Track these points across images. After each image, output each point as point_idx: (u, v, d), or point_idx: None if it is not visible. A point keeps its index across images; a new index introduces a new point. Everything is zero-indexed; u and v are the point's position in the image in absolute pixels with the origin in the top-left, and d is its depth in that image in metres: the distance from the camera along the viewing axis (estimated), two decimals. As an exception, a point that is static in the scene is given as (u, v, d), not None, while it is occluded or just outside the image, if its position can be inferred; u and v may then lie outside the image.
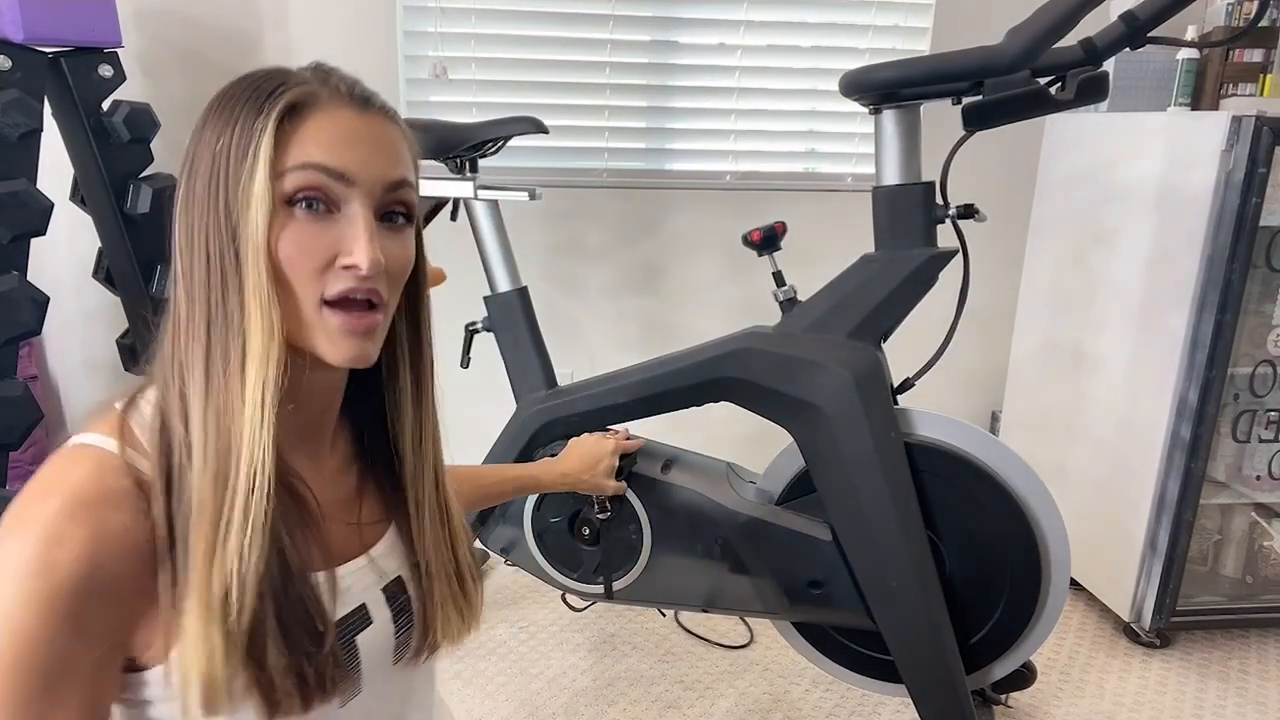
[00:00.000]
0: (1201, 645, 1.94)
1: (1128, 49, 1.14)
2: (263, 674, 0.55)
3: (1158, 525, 1.83)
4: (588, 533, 1.47)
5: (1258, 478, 1.88)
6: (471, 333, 1.65)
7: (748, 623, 2.00)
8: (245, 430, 0.54)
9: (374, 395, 0.68)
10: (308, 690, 0.57)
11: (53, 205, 1.55)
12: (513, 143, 1.60)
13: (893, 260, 1.32)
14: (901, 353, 1.47)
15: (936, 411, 1.34)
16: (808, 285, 1.44)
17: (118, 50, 1.71)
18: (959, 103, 1.24)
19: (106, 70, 1.69)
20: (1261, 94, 1.93)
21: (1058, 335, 2.10)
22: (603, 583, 1.49)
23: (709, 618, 2.00)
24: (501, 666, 1.80)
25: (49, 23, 1.56)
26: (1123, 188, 1.87)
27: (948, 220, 1.31)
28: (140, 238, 1.76)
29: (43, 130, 1.56)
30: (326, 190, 0.56)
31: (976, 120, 1.23)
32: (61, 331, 2.09)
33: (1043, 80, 1.19)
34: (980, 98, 1.20)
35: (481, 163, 1.63)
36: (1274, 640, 1.97)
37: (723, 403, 1.44)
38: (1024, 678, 1.47)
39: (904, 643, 1.36)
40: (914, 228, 1.31)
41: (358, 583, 0.65)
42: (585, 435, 1.43)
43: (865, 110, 1.33)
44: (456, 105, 2.10)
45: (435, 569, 0.69)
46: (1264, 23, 1.98)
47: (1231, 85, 1.95)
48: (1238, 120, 1.61)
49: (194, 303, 0.56)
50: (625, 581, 1.49)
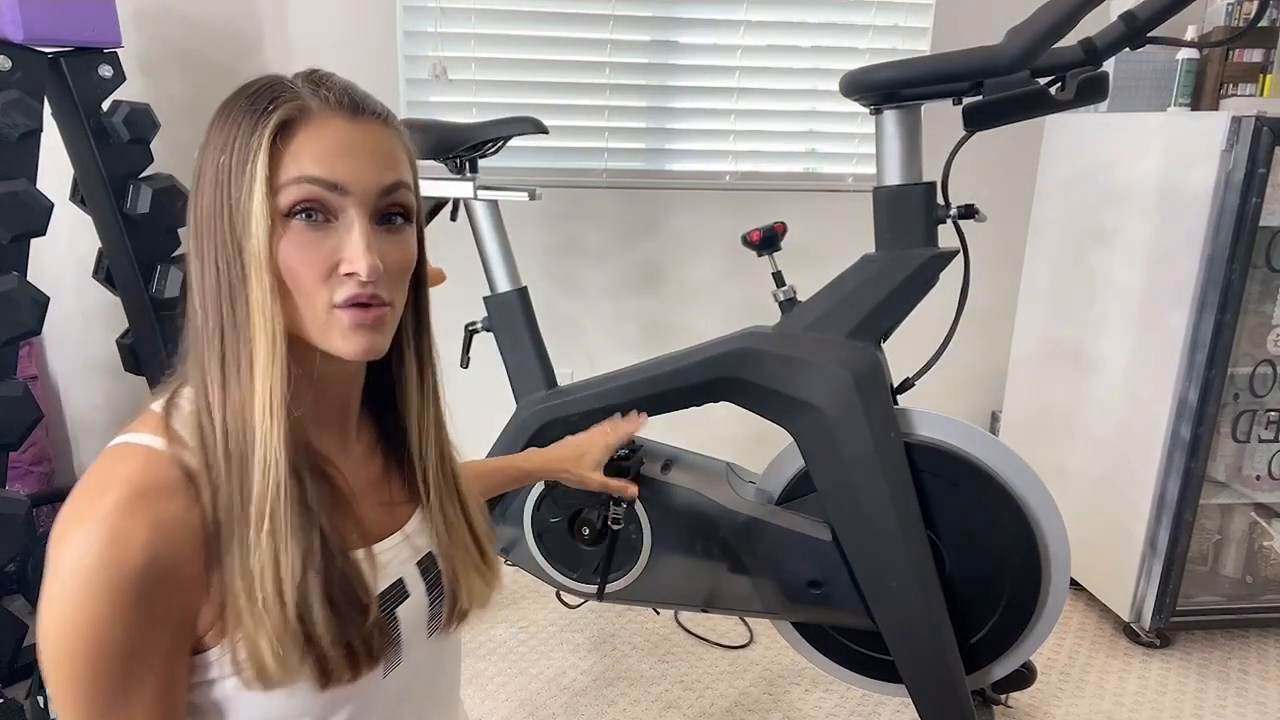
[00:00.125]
0: (1201, 645, 1.94)
1: (1128, 49, 1.14)
2: (314, 646, 0.58)
3: (1158, 525, 1.83)
4: (588, 533, 1.47)
5: (1258, 478, 1.89)
6: (471, 333, 1.65)
7: (748, 623, 2.00)
8: (258, 430, 0.57)
9: (387, 383, 0.72)
10: (356, 659, 0.61)
11: (53, 205, 1.55)
12: (513, 143, 1.60)
13: (893, 260, 1.32)
14: (901, 353, 1.47)
15: (936, 411, 1.34)
16: (808, 285, 1.44)
17: (117, 50, 1.70)
18: (959, 103, 1.24)
19: (106, 70, 1.69)
20: (1261, 94, 1.93)
21: (1058, 335, 2.10)
22: (599, 584, 1.49)
23: (709, 618, 2.00)
24: (501, 666, 1.80)
25: (49, 23, 1.56)
26: (1123, 188, 1.87)
27: (948, 220, 1.31)
28: (140, 238, 1.76)
29: (43, 130, 1.56)
30: (322, 201, 0.58)
31: (977, 120, 1.23)
32: (61, 331, 2.09)
33: (1043, 80, 1.19)
34: (980, 98, 1.20)
35: (481, 163, 1.63)
36: (1274, 640, 1.97)
37: (723, 403, 1.44)
38: (1024, 678, 1.47)
39: (904, 643, 1.36)
40: (915, 228, 1.31)
41: (394, 558, 0.69)
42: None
43: (866, 110, 1.33)
44: (456, 105, 2.10)
45: (454, 539, 0.73)
46: (1264, 23, 1.98)
47: (1231, 85, 1.95)
48: (1238, 120, 1.61)
49: (207, 311, 0.59)
50: (625, 582, 1.49)
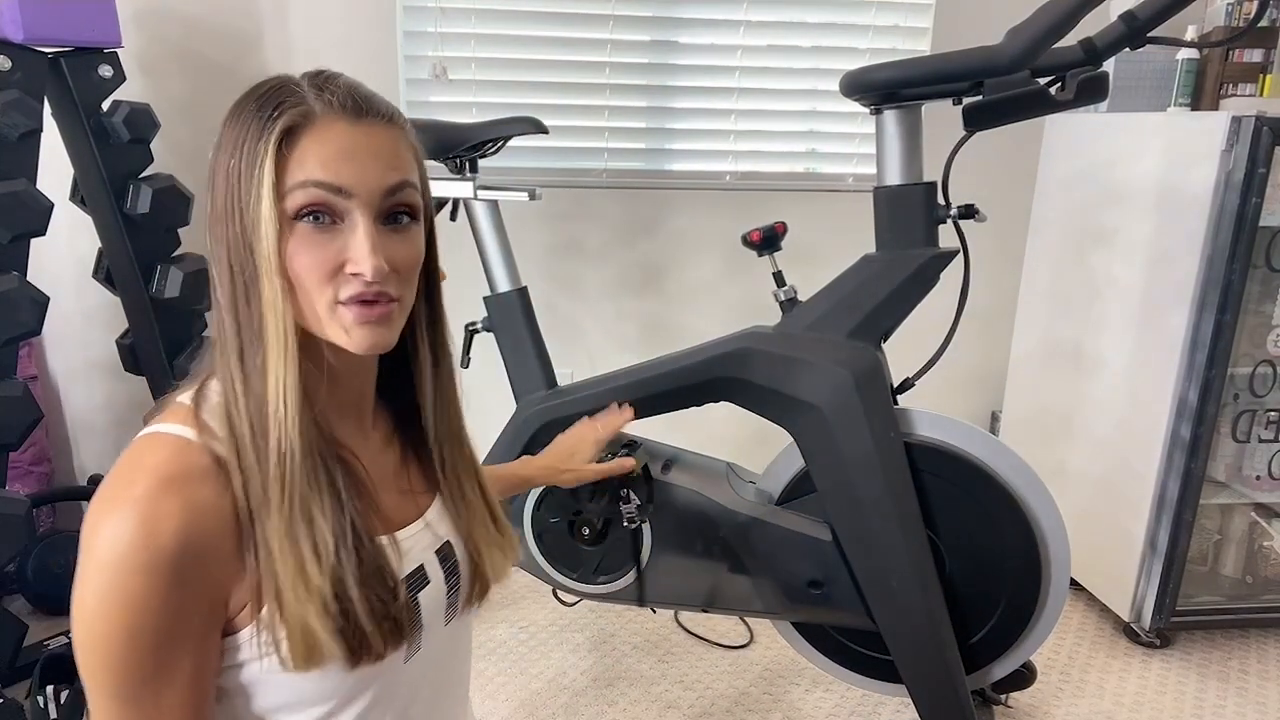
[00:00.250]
0: (1201, 645, 1.94)
1: (1128, 49, 1.14)
2: (350, 621, 0.61)
3: (1158, 525, 1.83)
4: (588, 533, 1.47)
5: (1258, 478, 1.89)
6: (471, 333, 1.65)
7: (748, 623, 2.00)
8: (271, 419, 0.59)
9: (403, 375, 0.73)
10: (386, 637, 0.63)
11: (53, 205, 1.55)
12: (513, 143, 1.60)
13: (894, 260, 1.32)
14: (901, 353, 1.47)
15: (936, 411, 1.34)
16: (808, 285, 1.44)
17: (117, 50, 1.70)
18: (959, 103, 1.24)
19: (106, 70, 1.69)
20: (1261, 94, 1.93)
21: (1058, 335, 2.10)
22: (630, 570, 1.48)
23: (709, 618, 2.00)
24: (501, 667, 1.80)
25: (49, 23, 1.56)
26: (1123, 188, 1.87)
27: (948, 220, 1.31)
28: (140, 238, 1.75)
29: (43, 130, 1.56)
30: (328, 204, 0.59)
31: (977, 120, 1.23)
32: (61, 331, 2.08)
33: (1043, 80, 1.19)
34: (980, 98, 1.20)
35: (481, 163, 1.63)
36: (1274, 640, 1.97)
37: (723, 403, 1.44)
38: (1024, 678, 1.47)
39: (904, 643, 1.36)
40: (915, 228, 1.31)
41: (416, 545, 0.71)
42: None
43: (866, 110, 1.33)
44: (456, 105, 2.10)
45: (474, 517, 0.76)
46: (1264, 23, 1.98)
47: (1231, 85, 1.95)
48: (1238, 120, 1.61)
49: (226, 309, 0.61)
50: (625, 581, 1.49)
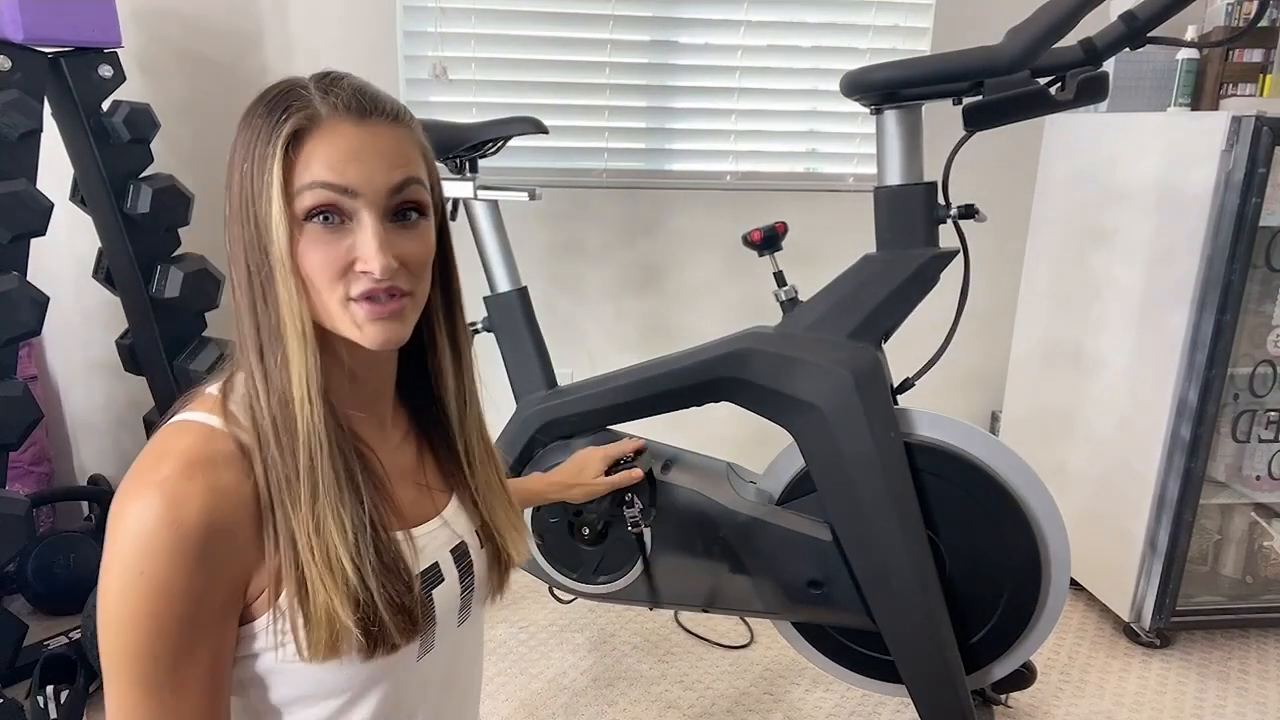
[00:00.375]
0: (1201, 645, 1.94)
1: (1128, 49, 1.14)
2: (369, 610, 0.62)
3: (1158, 525, 1.83)
4: (588, 533, 1.47)
5: (1258, 478, 1.89)
6: (472, 333, 1.65)
7: (748, 623, 2.00)
8: (298, 416, 0.61)
9: (421, 372, 0.74)
10: (402, 627, 0.64)
11: (53, 205, 1.55)
12: (513, 143, 1.60)
13: (894, 260, 1.32)
14: (901, 353, 1.47)
15: (936, 411, 1.34)
16: (809, 285, 1.44)
17: (117, 50, 1.70)
18: (959, 103, 1.24)
19: (106, 70, 1.69)
20: (1261, 94, 1.93)
21: (1058, 335, 2.10)
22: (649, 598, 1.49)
23: (709, 618, 2.00)
24: (501, 667, 1.80)
25: (49, 23, 1.56)
26: (1123, 188, 1.87)
27: (948, 220, 1.31)
28: (140, 238, 1.75)
29: (43, 130, 1.56)
30: (336, 204, 0.60)
31: (977, 120, 1.23)
32: (61, 331, 2.08)
33: (1043, 80, 1.19)
34: (980, 98, 1.20)
35: (481, 163, 1.63)
36: (1274, 640, 1.97)
37: (723, 403, 1.44)
38: (1024, 678, 1.47)
39: (904, 642, 1.36)
40: (916, 228, 1.31)
41: (431, 543, 0.72)
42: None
43: (866, 110, 1.33)
44: (456, 105, 2.10)
45: (496, 501, 0.78)
46: (1264, 23, 1.98)
47: (1231, 85, 1.95)
48: (1238, 120, 1.61)
49: (245, 309, 0.63)
50: (625, 581, 1.49)
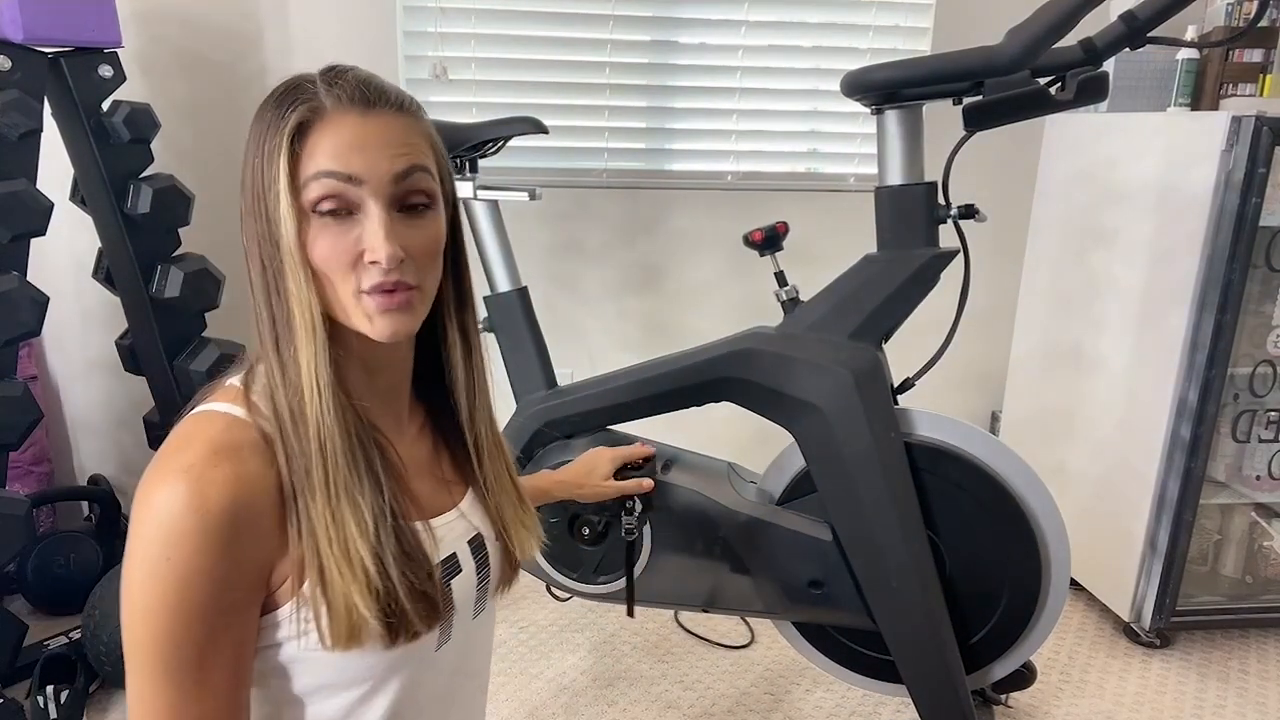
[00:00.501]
0: (1201, 645, 1.94)
1: (1128, 49, 1.14)
2: (390, 598, 0.62)
3: (1158, 525, 1.83)
4: (587, 533, 1.47)
5: (1258, 478, 1.89)
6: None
7: (748, 623, 2.00)
8: (309, 406, 0.62)
9: (435, 369, 0.75)
10: (421, 617, 0.65)
11: (53, 205, 1.55)
12: (513, 143, 1.60)
13: (895, 260, 1.32)
14: (901, 353, 1.47)
15: (936, 411, 1.34)
16: (810, 285, 1.44)
17: (118, 50, 1.70)
18: (960, 103, 1.24)
19: (106, 70, 1.69)
20: (1261, 94, 1.93)
21: (1058, 335, 2.10)
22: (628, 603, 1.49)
23: (709, 618, 2.00)
24: (501, 667, 1.80)
25: (49, 23, 1.56)
26: (1123, 188, 1.87)
27: (949, 220, 1.31)
28: (140, 238, 1.75)
29: (43, 130, 1.56)
30: (342, 194, 0.61)
31: (977, 120, 1.23)
32: (61, 331, 2.08)
33: (1043, 80, 1.19)
34: (980, 98, 1.20)
35: (481, 163, 1.63)
36: (1274, 640, 1.97)
37: (723, 403, 1.44)
38: (1024, 678, 1.47)
39: (904, 642, 1.36)
40: (916, 228, 1.31)
41: (449, 534, 0.73)
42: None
43: (867, 110, 1.33)
44: (456, 105, 2.10)
45: (505, 497, 0.79)
46: (1264, 23, 1.98)
47: (1231, 85, 1.95)
48: (1238, 120, 1.61)
49: (261, 302, 0.63)
50: (623, 582, 1.49)
